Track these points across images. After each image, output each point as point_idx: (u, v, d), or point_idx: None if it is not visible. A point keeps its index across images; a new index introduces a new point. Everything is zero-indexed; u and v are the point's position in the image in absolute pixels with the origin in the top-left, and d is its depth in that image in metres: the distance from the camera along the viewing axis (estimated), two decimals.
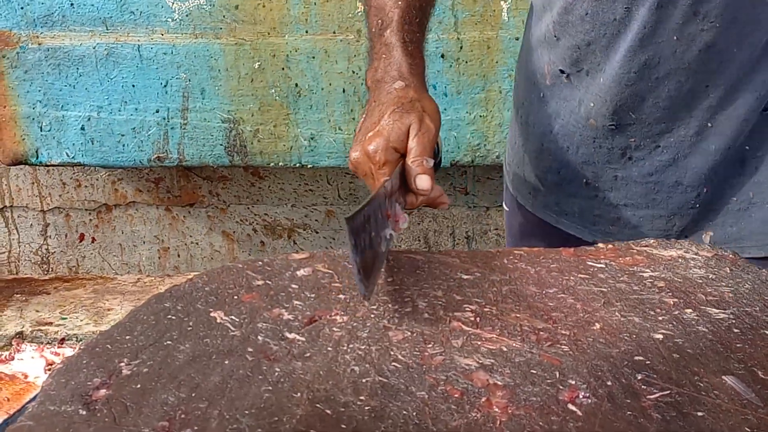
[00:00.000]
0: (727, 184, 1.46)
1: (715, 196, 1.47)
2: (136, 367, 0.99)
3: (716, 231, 1.49)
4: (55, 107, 3.10)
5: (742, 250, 1.47)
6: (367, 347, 1.03)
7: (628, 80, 1.44)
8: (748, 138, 1.44)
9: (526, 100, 1.67)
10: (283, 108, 3.04)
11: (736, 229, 1.47)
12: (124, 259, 3.74)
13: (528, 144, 1.67)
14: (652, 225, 1.53)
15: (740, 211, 1.47)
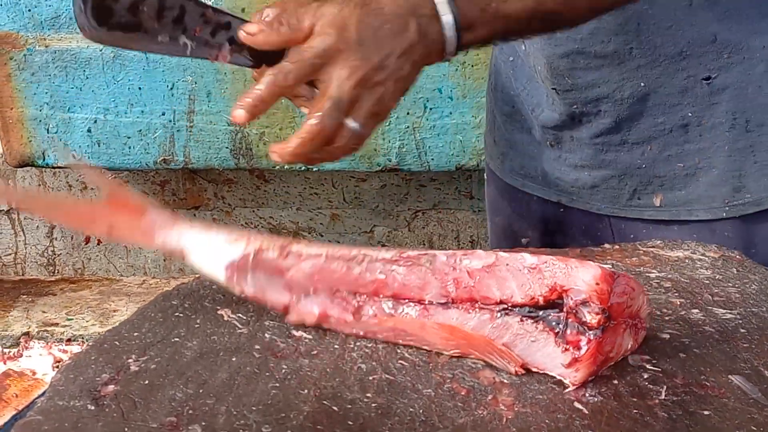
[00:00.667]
0: (672, 149, 1.48)
1: (661, 158, 1.49)
2: (144, 363, 0.99)
3: (666, 194, 1.50)
4: (62, 109, 3.10)
5: (691, 213, 1.49)
6: (373, 345, 1.04)
7: (556, 41, 1.45)
8: (690, 105, 1.45)
9: (495, 66, 1.72)
10: (289, 111, 3.04)
11: (685, 193, 1.49)
12: (129, 261, 3.74)
13: (498, 108, 1.70)
14: (607, 185, 1.55)
15: (687, 176, 1.48)
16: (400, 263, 1.08)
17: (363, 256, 1.09)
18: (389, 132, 3.00)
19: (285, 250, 1.08)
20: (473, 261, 1.06)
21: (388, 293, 1.07)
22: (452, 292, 1.05)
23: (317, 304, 1.06)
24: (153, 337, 1.05)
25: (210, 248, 1.10)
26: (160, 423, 0.87)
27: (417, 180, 3.44)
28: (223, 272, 1.08)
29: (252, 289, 1.07)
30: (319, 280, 1.07)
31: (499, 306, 1.02)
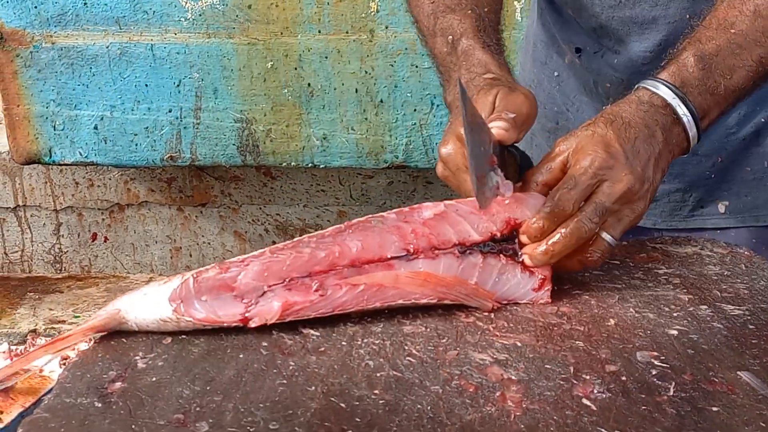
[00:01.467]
0: (741, 154, 1.47)
1: (730, 165, 1.48)
2: (151, 360, 0.99)
3: (732, 200, 1.49)
4: (68, 106, 3.10)
5: (757, 219, 1.48)
6: (381, 342, 1.03)
7: (644, 59, 1.44)
8: (764, 110, 1.44)
9: (535, 82, 1.68)
10: (296, 108, 3.04)
11: (751, 198, 1.47)
12: (136, 259, 3.75)
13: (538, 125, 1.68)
14: (669, 198, 1.53)
15: (755, 181, 1.47)
16: (350, 231, 1.12)
17: (308, 238, 1.10)
18: (396, 129, 3.01)
19: (224, 264, 1.08)
20: (424, 212, 1.13)
21: (345, 263, 1.09)
22: (412, 243, 1.10)
23: (275, 298, 1.06)
24: (161, 334, 1.05)
25: (146, 295, 1.08)
26: (168, 420, 0.87)
27: (424, 177, 3.43)
28: (169, 306, 1.05)
29: (203, 313, 1.05)
30: (270, 275, 1.07)
31: (459, 248, 1.12)
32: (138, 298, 1.06)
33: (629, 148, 1.13)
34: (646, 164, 1.15)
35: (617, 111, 1.18)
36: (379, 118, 3.01)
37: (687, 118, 1.18)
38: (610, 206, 1.12)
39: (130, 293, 1.08)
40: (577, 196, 1.11)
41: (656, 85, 1.20)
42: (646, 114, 1.17)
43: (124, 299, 1.06)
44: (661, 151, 1.17)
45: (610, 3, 1.45)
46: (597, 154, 1.12)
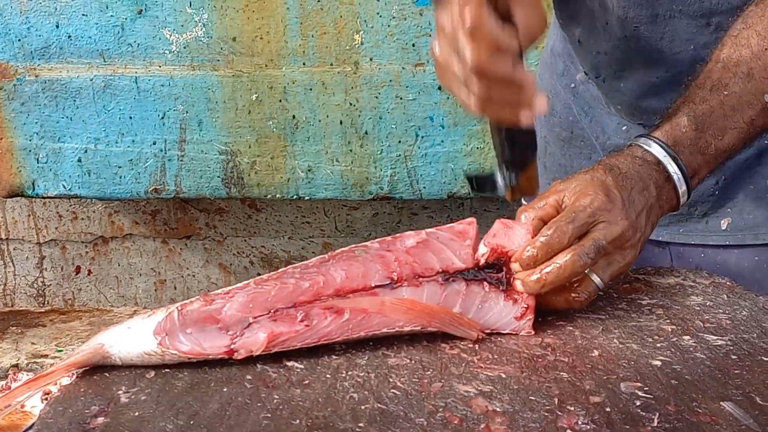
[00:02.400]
0: (745, 173, 1.48)
1: (733, 183, 1.49)
2: (134, 394, 0.99)
3: (734, 218, 1.50)
4: (51, 139, 3.10)
5: (757, 237, 1.49)
6: (366, 374, 1.03)
7: (651, 86, 1.46)
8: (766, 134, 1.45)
9: (551, 91, 1.71)
10: (281, 140, 3.05)
11: (753, 217, 1.49)
12: (120, 292, 3.74)
13: (553, 133, 1.69)
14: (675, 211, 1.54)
15: (758, 199, 1.48)
16: (334, 261, 1.12)
17: (293, 269, 1.11)
18: (381, 160, 3.01)
19: (208, 296, 1.08)
20: (406, 241, 1.15)
21: (329, 292, 1.09)
22: (396, 271, 1.12)
23: (261, 329, 1.06)
24: (144, 368, 1.05)
25: (130, 328, 1.07)
26: None
27: (409, 208, 3.44)
28: (154, 340, 1.05)
29: (188, 346, 1.05)
30: (255, 306, 1.07)
31: (443, 275, 1.13)
32: (122, 332, 1.05)
33: (626, 196, 1.17)
34: (640, 214, 1.18)
35: (614, 162, 1.22)
36: (363, 150, 3.02)
37: (677, 176, 1.22)
38: (606, 246, 1.14)
39: (113, 327, 1.07)
40: (573, 231, 1.13)
41: (649, 143, 1.24)
42: (641, 168, 1.21)
43: (107, 333, 1.06)
44: (653, 204, 1.21)
45: (617, 34, 1.46)
46: (597, 195, 1.16)
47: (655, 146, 1.23)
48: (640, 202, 1.19)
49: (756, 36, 1.26)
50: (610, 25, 1.48)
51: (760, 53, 1.25)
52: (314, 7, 2.94)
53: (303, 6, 2.93)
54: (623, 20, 1.44)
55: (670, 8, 1.41)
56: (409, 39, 2.89)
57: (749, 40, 1.26)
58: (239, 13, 2.96)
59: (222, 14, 2.96)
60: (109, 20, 3.00)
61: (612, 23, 1.47)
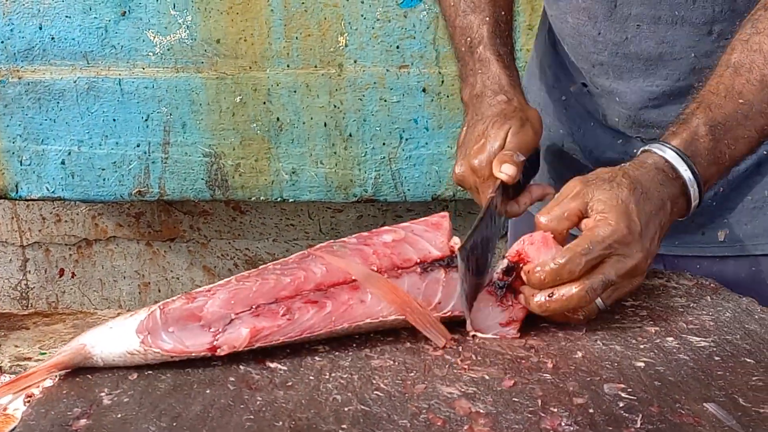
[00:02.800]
0: (743, 183, 1.48)
1: (731, 194, 1.49)
2: (116, 396, 0.98)
3: (731, 229, 1.49)
4: (35, 141, 3.09)
5: (755, 248, 1.49)
6: (349, 376, 1.03)
7: (651, 94, 1.46)
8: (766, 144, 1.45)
9: (541, 105, 1.70)
10: (265, 142, 3.04)
11: (750, 227, 1.48)
12: (104, 294, 3.72)
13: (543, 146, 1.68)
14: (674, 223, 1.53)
15: (755, 209, 1.48)
16: (314, 256, 1.14)
17: (273, 266, 1.11)
18: (365, 163, 3.01)
19: (191, 294, 1.08)
20: (383, 236, 1.17)
21: (310, 287, 1.10)
22: (375, 264, 1.13)
23: (243, 325, 1.06)
24: (126, 370, 1.04)
25: (112, 328, 1.07)
26: None
27: (393, 210, 3.44)
28: (136, 338, 1.05)
29: (170, 344, 1.05)
30: (236, 303, 1.07)
31: (421, 265, 1.15)
32: (104, 332, 1.05)
33: (644, 224, 1.16)
34: (653, 239, 1.18)
35: (637, 175, 1.20)
36: (348, 152, 3.02)
37: (693, 189, 1.22)
38: (616, 280, 1.14)
39: (95, 328, 1.07)
40: (586, 263, 1.13)
41: (669, 152, 1.23)
42: (662, 186, 1.20)
43: (89, 334, 1.06)
44: (665, 223, 1.20)
45: (614, 40, 1.46)
46: (618, 227, 1.14)
47: (675, 156, 1.22)
48: (655, 226, 1.18)
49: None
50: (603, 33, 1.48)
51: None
52: (298, 9, 2.93)
53: (287, 8, 2.93)
54: (626, 19, 1.44)
55: (672, 14, 1.41)
56: (394, 41, 2.88)
57: (762, 45, 1.25)
58: (223, 15, 2.95)
59: (206, 16, 2.95)
60: (93, 22, 2.99)
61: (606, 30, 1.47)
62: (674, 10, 1.40)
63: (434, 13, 2.85)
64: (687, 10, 1.39)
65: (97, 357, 1.04)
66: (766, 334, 1.15)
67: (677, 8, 1.40)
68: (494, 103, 1.38)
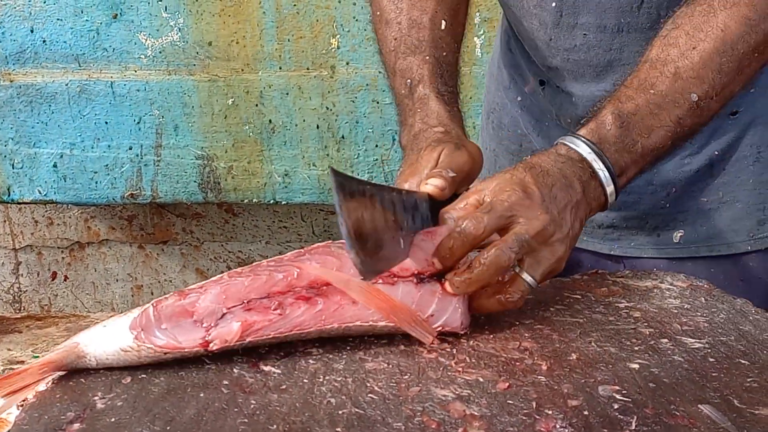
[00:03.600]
0: (696, 185, 1.48)
1: (685, 196, 1.49)
2: (110, 400, 0.98)
3: (687, 230, 1.50)
4: (27, 144, 3.09)
5: (712, 249, 1.49)
6: (343, 379, 1.03)
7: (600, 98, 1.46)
8: (718, 143, 1.46)
9: (499, 105, 1.69)
10: (257, 144, 3.04)
11: (706, 228, 1.49)
12: (96, 297, 3.72)
13: (501, 146, 1.68)
14: (627, 224, 1.53)
15: (711, 211, 1.48)
16: (309, 255, 1.13)
17: (267, 263, 1.12)
18: (358, 165, 3.01)
19: (183, 291, 1.08)
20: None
21: (303, 284, 1.10)
22: None
23: (235, 319, 1.06)
24: (120, 373, 1.04)
25: (106, 327, 1.07)
26: None
27: None
28: (130, 335, 1.04)
29: (163, 340, 1.05)
30: (228, 297, 1.07)
31: (417, 276, 1.13)
32: (97, 331, 1.05)
33: (546, 192, 1.15)
34: (563, 210, 1.16)
35: (536, 161, 1.20)
36: (340, 154, 3.02)
37: (603, 174, 1.20)
38: (529, 240, 1.12)
39: (90, 328, 1.07)
40: (489, 221, 1.12)
41: (574, 141, 1.22)
42: (564, 165, 1.19)
43: (83, 333, 1.06)
44: (579, 201, 1.18)
45: (564, 46, 1.47)
46: (514, 191, 1.14)
47: (580, 143, 1.21)
48: (563, 198, 1.16)
49: (684, 35, 1.26)
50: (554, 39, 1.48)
51: (687, 52, 1.25)
52: (290, 11, 2.94)
53: (279, 10, 2.93)
54: (572, 27, 1.45)
55: (618, 21, 1.41)
56: None
57: (678, 39, 1.26)
58: (215, 18, 2.96)
59: (198, 18, 2.95)
60: (84, 25, 2.99)
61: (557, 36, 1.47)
62: (620, 17, 1.40)
63: None
64: (633, 16, 1.39)
65: (90, 356, 1.03)
66: (760, 335, 1.15)
67: (623, 15, 1.40)
68: (430, 135, 1.33)
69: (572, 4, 1.43)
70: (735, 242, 1.49)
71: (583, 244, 1.58)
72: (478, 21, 2.90)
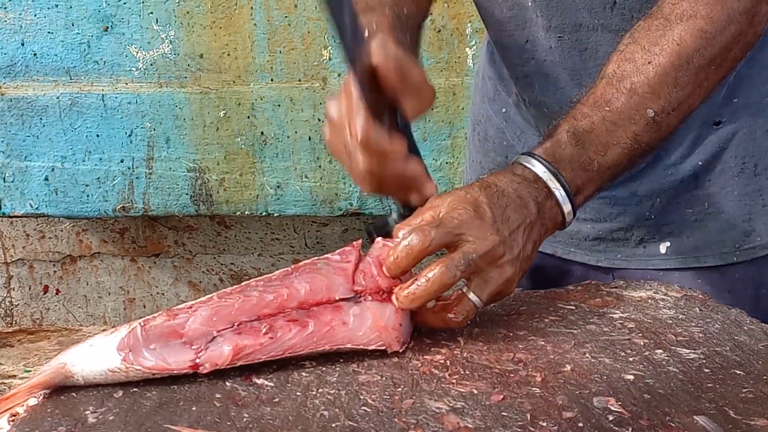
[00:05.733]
0: (681, 197, 1.48)
1: (670, 207, 1.49)
2: (102, 414, 0.97)
3: (673, 241, 1.49)
4: (18, 158, 3.08)
5: (699, 260, 1.49)
6: (336, 391, 1.02)
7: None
8: (701, 153, 1.45)
9: (484, 116, 1.69)
10: (249, 156, 3.04)
11: (693, 240, 1.48)
12: (89, 311, 3.71)
13: (488, 158, 1.68)
14: (612, 236, 1.53)
15: (696, 222, 1.48)
16: (297, 274, 1.12)
17: (256, 282, 1.11)
18: (349, 176, 3.01)
19: (172, 311, 1.07)
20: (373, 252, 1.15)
21: (293, 305, 1.09)
22: (361, 285, 1.12)
23: (225, 343, 1.05)
24: (111, 387, 1.03)
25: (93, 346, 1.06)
26: None
27: None
28: (117, 356, 1.04)
29: (152, 361, 1.04)
30: (218, 320, 1.06)
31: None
32: (84, 350, 1.04)
33: (499, 213, 1.14)
34: (515, 231, 1.15)
35: (493, 180, 1.19)
36: (332, 166, 3.01)
37: (559, 193, 1.19)
38: (476, 260, 1.11)
39: (75, 346, 1.06)
40: (436, 235, 1.11)
41: (530, 160, 1.21)
42: (519, 186, 1.18)
43: (69, 352, 1.05)
44: (533, 222, 1.17)
45: (539, 49, 1.47)
46: (466, 210, 1.13)
47: (536, 163, 1.20)
48: (516, 220, 1.15)
49: (640, 50, 1.25)
50: (531, 40, 1.48)
51: (642, 67, 1.24)
52: (282, 23, 2.94)
53: (270, 22, 2.93)
54: (546, 30, 1.44)
55: (592, 21, 1.41)
56: None
57: (634, 54, 1.25)
58: (206, 30, 2.96)
59: (189, 31, 2.95)
60: (75, 38, 2.98)
61: (534, 37, 1.47)
62: (594, 17, 1.40)
63: None
64: (605, 17, 1.39)
65: (78, 375, 1.03)
66: (755, 345, 1.15)
67: (596, 16, 1.40)
68: None
69: (545, 5, 1.43)
70: (721, 253, 1.49)
71: (571, 255, 1.59)
72: (470, 31, 2.90)
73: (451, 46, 2.91)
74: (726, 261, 1.49)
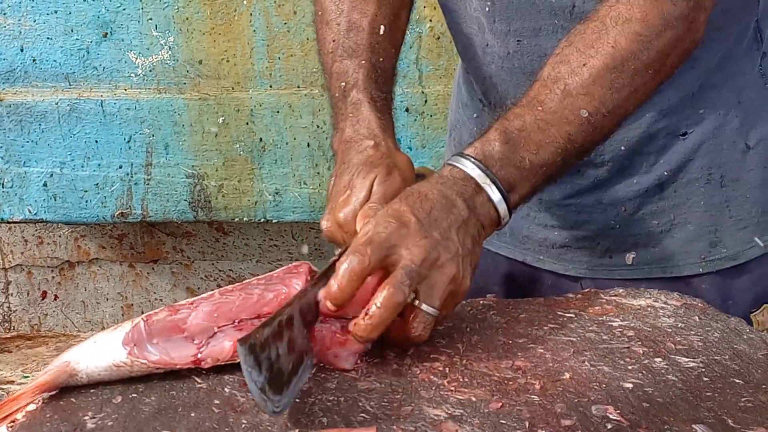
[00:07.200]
0: (647, 207, 1.48)
1: (636, 217, 1.49)
2: (101, 420, 0.97)
3: (639, 252, 1.50)
4: (17, 163, 3.08)
5: (665, 271, 1.49)
6: (335, 398, 1.02)
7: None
8: (667, 163, 1.46)
9: (459, 121, 1.71)
10: (248, 163, 3.04)
11: (659, 250, 1.49)
12: (87, 317, 3.71)
13: None
14: (579, 244, 1.54)
15: (663, 233, 1.48)
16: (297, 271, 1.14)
17: (257, 281, 1.11)
18: None
19: (174, 307, 1.08)
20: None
21: None
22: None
23: (226, 338, 1.05)
24: (110, 392, 1.03)
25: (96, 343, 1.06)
26: None
27: None
28: (123, 350, 1.04)
29: (156, 355, 1.04)
30: (219, 316, 1.07)
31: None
32: (88, 347, 1.05)
33: (424, 217, 1.14)
34: (447, 230, 1.14)
35: (416, 188, 1.19)
36: (331, 172, 3.01)
37: (490, 188, 1.19)
38: (417, 269, 1.10)
39: (78, 345, 1.06)
40: (372, 253, 1.10)
41: (459, 160, 1.21)
42: (444, 186, 1.18)
43: (72, 351, 1.05)
44: (466, 219, 1.17)
45: (499, 53, 1.47)
46: (390, 224, 1.12)
47: (464, 161, 1.20)
48: (445, 219, 1.14)
49: (576, 52, 1.25)
50: (491, 44, 1.48)
51: (577, 69, 1.24)
52: (281, 30, 2.94)
53: (269, 28, 2.93)
54: (506, 34, 1.44)
55: (552, 22, 1.41)
56: None
57: (569, 57, 1.25)
58: (205, 36, 2.95)
59: (188, 37, 2.95)
60: (74, 44, 2.98)
61: (492, 42, 1.47)
62: (553, 20, 1.40)
63: (416, 32, 2.86)
64: (565, 19, 1.39)
65: (82, 373, 1.03)
66: (754, 354, 1.15)
67: (556, 18, 1.40)
68: (361, 150, 1.34)
69: (504, 8, 1.43)
70: (687, 264, 1.49)
71: (540, 263, 1.60)
72: None
73: (450, 53, 2.90)
74: (692, 272, 1.50)
